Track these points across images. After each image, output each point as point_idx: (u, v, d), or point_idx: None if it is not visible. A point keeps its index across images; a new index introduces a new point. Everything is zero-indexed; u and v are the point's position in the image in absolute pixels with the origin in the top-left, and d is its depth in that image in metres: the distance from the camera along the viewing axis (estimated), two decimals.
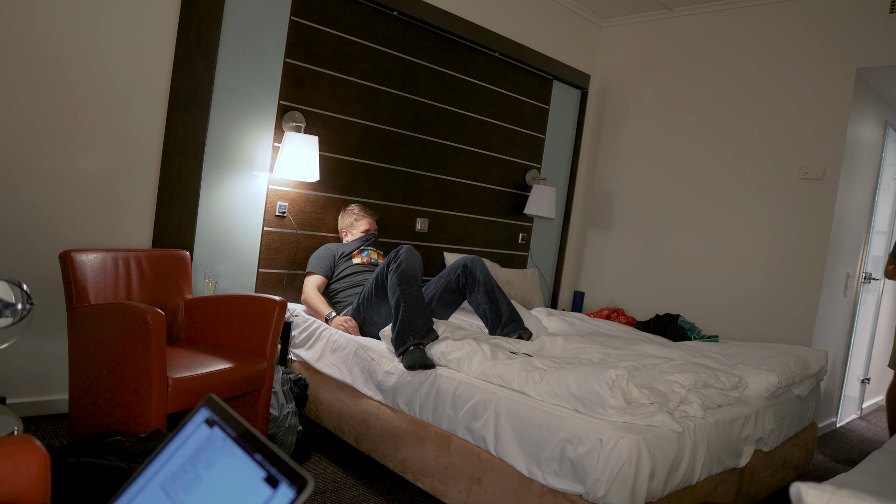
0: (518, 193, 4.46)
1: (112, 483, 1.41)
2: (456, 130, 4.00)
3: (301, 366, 2.93)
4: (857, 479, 1.36)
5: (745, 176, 4.01)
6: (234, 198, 3.07)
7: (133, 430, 1.98)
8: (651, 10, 4.48)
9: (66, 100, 2.55)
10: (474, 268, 2.83)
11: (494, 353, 2.30)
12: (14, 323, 1.27)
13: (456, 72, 3.94)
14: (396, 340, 2.43)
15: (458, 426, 2.14)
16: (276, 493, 0.53)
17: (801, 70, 3.79)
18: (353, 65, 3.43)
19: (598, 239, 4.82)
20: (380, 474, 2.53)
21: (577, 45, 4.71)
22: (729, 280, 4.03)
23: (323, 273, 3.10)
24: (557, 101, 4.64)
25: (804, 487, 1.06)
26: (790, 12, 3.87)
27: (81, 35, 2.55)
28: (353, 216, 3.34)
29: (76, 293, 2.24)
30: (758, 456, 2.38)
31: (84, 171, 2.63)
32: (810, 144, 3.73)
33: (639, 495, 1.71)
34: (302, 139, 3.05)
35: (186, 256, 2.71)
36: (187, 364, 2.16)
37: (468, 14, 3.89)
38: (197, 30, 2.81)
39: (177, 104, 2.81)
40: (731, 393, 2.24)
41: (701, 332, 3.83)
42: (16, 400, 2.55)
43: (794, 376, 2.62)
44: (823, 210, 3.65)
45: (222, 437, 0.60)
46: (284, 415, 2.50)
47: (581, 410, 1.91)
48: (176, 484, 0.60)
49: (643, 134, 4.59)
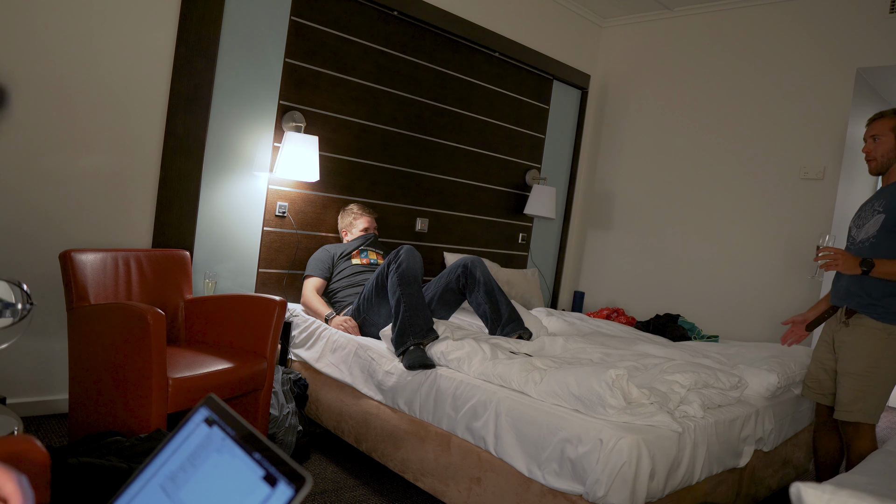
0: (518, 193, 4.46)
1: (112, 483, 1.41)
2: (456, 130, 4.00)
3: (301, 366, 2.93)
4: (857, 479, 1.36)
5: (745, 176, 4.01)
6: (234, 198, 3.07)
7: (133, 430, 1.98)
8: (651, 10, 4.48)
9: (66, 100, 2.55)
10: (474, 268, 2.83)
11: (494, 353, 2.30)
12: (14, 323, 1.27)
13: (456, 72, 3.94)
14: (396, 340, 2.43)
15: (458, 426, 2.14)
16: (275, 491, 0.53)
17: (801, 70, 3.79)
18: (353, 65, 3.43)
19: (598, 239, 4.82)
20: (380, 474, 2.53)
21: (577, 45, 4.71)
22: (729, 280, 4.03)
23: (321, 276, 3.11)
24: (557, 101, 4.64)
25: (804, 487, 1.06)
26: (790, 12, 3.87)
27: (82, 35, 2.55)
28: (353, 215, 3.34)
29: (76, 293, 2.24)
30: (758, 456, 2.38)
31: (84, 171, 2.63)
32: (810, 144, 3.73)
33: (639, 495, 1.71)
34: (302, 139, 3.05)
35: (186, 256, 2.71)
36: (187, 364, 2.16)
37: (468, 14, 3.89)
38: (197, 30, 2.81)
39: (177, 104, 2.81)
40: (731, 393, 2.24)
41: (701, 332, 3.83)
42: (16, 400, 2.55)
43: (794, 376, 2.62)
44: (823, 210, 3.65)
45: (221, 437, 0.60)
46: (284, 415, 2.50)
47: (581, 410, 1.91)
48: (175, 483, 0.60)
49: (643, 134, 4.59)
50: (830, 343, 2.43)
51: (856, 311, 2.31)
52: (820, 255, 2.27)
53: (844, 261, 2.23)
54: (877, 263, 2.18)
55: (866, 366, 2.26)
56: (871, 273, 2.19)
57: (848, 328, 2.34)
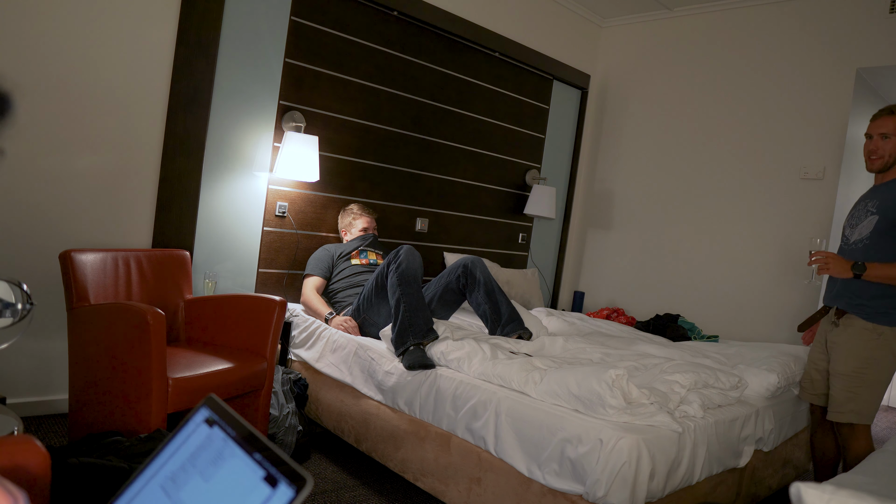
0: (518, 193, 4.46)
1: (112, 483, 1.41)
2: (456, 130, 4.00)
3: (301, 366, 2.93)
4: (857, 479, 1.36)
5: (745, 176, 4.01)
6: (234, 198, 3.07)
7: (133, 430, 1.98)
8: (651, 10, 4.48)
9: (66, 100, 2.55)
10: (474, 268, 2.83)
11: (494, 353, 2.30)
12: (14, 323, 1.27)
13: (456, 72, 3.94)
14: (396, 340, 2.43)
15: (458, 426, 2.14)
16: (276, 492, 0.53)
17: (801, 70, 3.79)
18: (353, 65, 3.43)
19: (598, 239, 4.82)
20: (380, 474, 2.53)
21: (577, 45, 4.71)
22: (729, 280, 4.03)
23: (321, 275, 3.11)
24: (557, 101, 4.64)
25: (804, 487, 1.06)
26: (790, 12, 3.87)
27: (82, 35, 2.55)
28: (352, 215, 3.35)
29: (76, 293, 2.24)
30: (758, 456, 2.38)
31: (84, 171, 2.63)
32: (810, 144, 3.73)
33: (639, 495, 1.71)
34: (302, 139, 3.05)
35: (186, 256, 2.71)
36: (187, 364, 2.16)
37: (468, 14, 3.89)
38: (197, 30, 2.81)
39: (177, 104, 2.81)
40: (731, 393, 2.24)
41: (701, 332, 3.83)
42: (16, 400, 2.55)
43: (793, 376, 2.62)
44: (823, 210, 3.65)
45: (222, 437, 0.60)
46: (284, 415, 2.50)
47: (581, 410, 1.91)
48: (175, 483, 0.60)
49: (643, 134, 4.59)
50: (823, 344, 2.44)
51: (846, 312, 2.31)
52: (813, 260, 2.28)
53: (835, 264, 2.23)
54: (869, 267, 2.18)
55: (857, 366, 2.26)
56: (864, 277, 2.19)
57: (839, 328, 2.34)
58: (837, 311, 2.35)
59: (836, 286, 2.36)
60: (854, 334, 2.28)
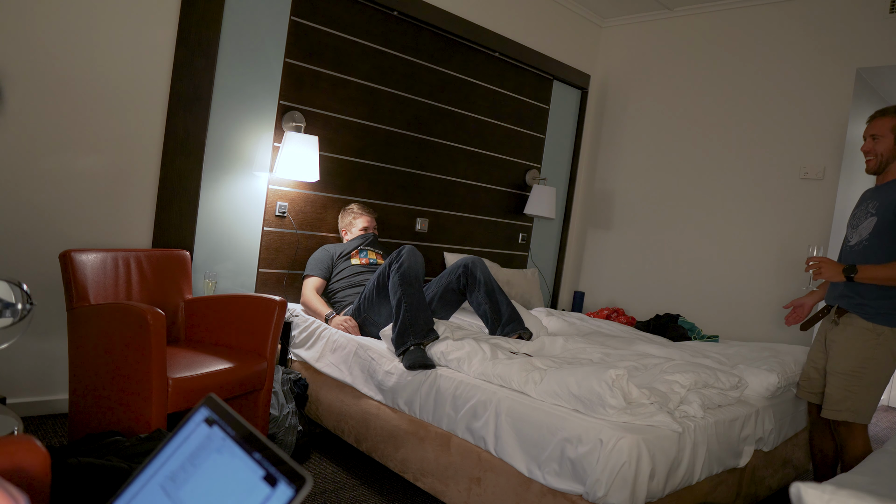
0: (518, 193, 4.46)
1: (112, 483, 1.41)
2: (456, 130, 4.00)
3: (301, 366, 2.93)
4: (857, 479, 1.36)
5: (745, 176, 4.01)
6: (234, 198, 3.07)
7: (133, 430, 1.98)
8: (651, 10, 4.48)
9: (66, 100, 2.55)
10: (475, 268, 2.83)
11: (494, 353, 2.30)
12: (14, 323, 1.27)
13: (456, 72, 3.94)
14: (397, 340, 2.43)
15: (458, 426, 2.14)
16: (275, 491, 0.53)
17: (801, 70, 3.79)
18: (353, 65, 3.43)
19: (598, 239, 4.82)
20: (380, 474, 2.53)
21: (577, 45, 4.71)
22: (729, 280, 4.03)
23: (321, 275, 3.11)
24: (557, 101, 4.64)
25: (804, 487, 1.06)
26: (790, 12, 3.87)
27: (82, 35, 2.55)
28: (352, 214, 3.35)
29: (76, 293, 2.24)
30: (758, 456, 2.38)
31: (84, 171, 2.63)
32: (810, 144, 3.73)
33: (639, 495, 1.71)
34: (302, 139, 3.05)
35: (186, 256, 2.71)
36: (187, 364, 2.16)
37: (468, 14, 3.89)
38: (197, 30, 2.81)
39: (177, 104, 2.81)
40: (731, 393, 2.24)
41: (701, 332, 3.83)
42: (16, 400, 2.55)
43: (793, 376, 2.63)
44: (823, 210, 3.65)
45: (222, 437, 0.60)
46: (284, 415, 2.50)
47: (581, 410, 1.91)
48: (175, 483, 0.60)
49: (643, 134, 4.59)
50: (823, 342, 2.45)
51: (846, 311, 2.32)
52: (809, 266, 2.32)
53: (828, 269, 2.27)
54: (860, 269, 2.20)
55: (855, 365, 2.27)
56: (856, 279, 2.22)
57: (838, 327, 2.35)
58: (838, 309, 2.36)
59: (839, 286, 2.37)
60: (854, 334, 2.29)
